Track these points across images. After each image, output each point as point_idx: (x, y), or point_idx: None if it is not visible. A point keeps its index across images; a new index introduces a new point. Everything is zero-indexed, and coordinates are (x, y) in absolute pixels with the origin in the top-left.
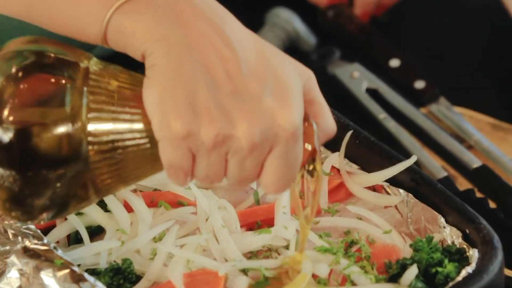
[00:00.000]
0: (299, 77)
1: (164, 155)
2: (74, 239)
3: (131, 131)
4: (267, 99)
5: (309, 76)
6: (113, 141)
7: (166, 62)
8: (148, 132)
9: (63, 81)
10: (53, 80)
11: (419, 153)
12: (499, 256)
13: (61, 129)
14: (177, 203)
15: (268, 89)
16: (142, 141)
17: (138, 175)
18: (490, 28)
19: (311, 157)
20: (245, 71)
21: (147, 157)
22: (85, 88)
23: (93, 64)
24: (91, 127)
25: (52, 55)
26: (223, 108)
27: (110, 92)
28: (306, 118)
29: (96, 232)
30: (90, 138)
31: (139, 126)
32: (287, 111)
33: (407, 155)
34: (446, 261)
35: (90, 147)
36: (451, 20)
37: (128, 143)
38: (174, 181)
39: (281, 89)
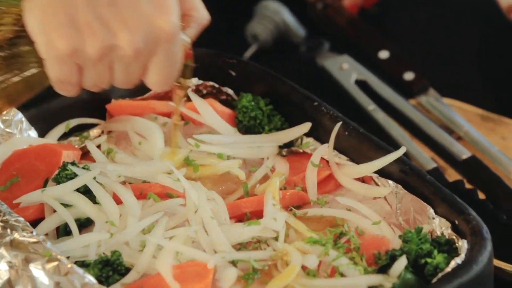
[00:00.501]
0: None
1: (52, 73)
2: (63, 232)
3: (16, 54)
4: (144, 4)
5: None
6: None
7: None
8: (32, 52)
9: None
10: None
11: (408, 144)
12: (488, 246)
13: None
14: (166, 195)
15: None
16: (27, 61)
17: (28, 91)
18: (480, 20)
19: (189, 50)
20: None
21: (34, 75)
22: None
23: None
24: None
25: None
26: (103, 20)
27: None
28: (181, 14)
29: (85, 225)
30: None
31: (24, 48)
32: (165, 13)
33: (396, 146)
34: (435, 252)
35: None
36: (440, 11)
37: (13, 66)
38: (63, 93)
39: None
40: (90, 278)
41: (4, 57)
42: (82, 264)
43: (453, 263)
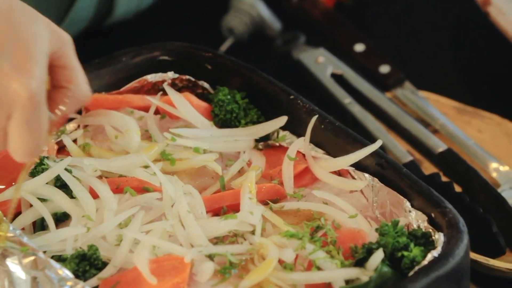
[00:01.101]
0: (47, 40)
1: None
2: (39, 226)
3: None
4: (3, 62)
5: (64, 40)
6: None
7: None
8: None
9: None
10: None
11: (385, 137)
12: (465, 239)
13: None
14: (143, 189)
15: (7, 52)
16: None
17: None
18: (455, 13)
19: (63, 123)
20: None
21: None
22: None
23: None
24: None
25: None
26: None
27: None
28: (57, 84)
29: (62, 219)
30: None
31: None
32: (23, 75)
33: (372, 139)
34: (412, 245)
35: None
36: (416, 4)
37: None
38: None
39: (21, 52)
40: (67, 273)
41: None
42: (59, 259)
43: (429, 256)
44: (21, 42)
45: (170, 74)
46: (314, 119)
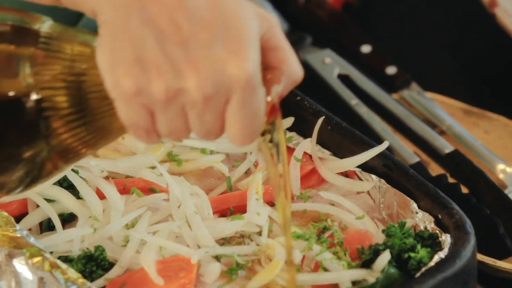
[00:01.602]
0: (257, 23)
1: (121, 114)
2: (46, 227)
3: (89, 92)
4: (217, 47)
5: (271, 22)
6: (72, 106)
7: (114, 18)
8: (106, 92)
9: (15, 50)
10: (4, 50)
11: (391, 138)
12: (472, 241)
13: (17, 101)
14: (149, 189)
15: (219, 37)
16: (101, 102)
17: (104, 138)
18: (462, 14)
19: (275, 107)
20: (193, 19)
21: (109, 117)
22: (36, 54)
23: (48, 28)
24: (47, 94)
25: (8, 23)
26: (171, 61)
27: (64, 56)
28: (268, 66)
29: (69, 220)
30: (46, 105)
31: (96, 87)
32: (238, 59)
33: (379, 140)
34: (418, 246)
35: (49, 114)
36: (423, 6)
37: (87, 105)
38: (141, 140)
39: (234, 36)
40: (74, 273)
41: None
42: (66, 259)
43: (436, 258)
44: (233, 26)
45: None
46: (320, 120)
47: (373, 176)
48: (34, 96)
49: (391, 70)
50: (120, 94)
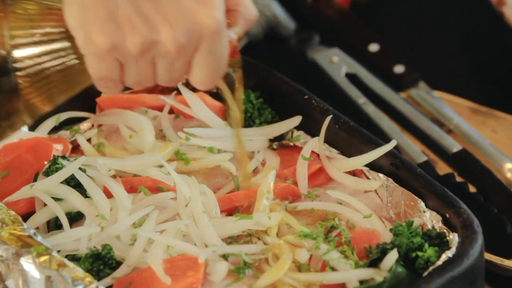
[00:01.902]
0: None
1: (92, 69)
2: (53, 225)
3: (56, 50)
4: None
5: None
6: (39, 63)
7: None
8: (74, 48)
9: None
10: None
11: (399, 137)
12: (479, 240)
13: None
14: (157, 188)
15: None
16: (68, 58)
17: (69, 89)
18: (470, 13)
19: (236, 48)
20: None
21: (75, 72)
22: (4, 15)
23: None
24: (16, 53)
25: None
26: (144, 15)
27: (31, 15)
28: (227, 9)
29: (76, 218)
30: (16, 65)
31: (64, 44)
32: (208, 8)
33: (387, 139)
34: (426, 245)
35: (18, 73)
36: (430, 4)
37: (54, 62)
38: (105, 90)
39: None
40: (81, 272)
41: (46, 53)
42: (73, 258)
43: (444, 257)
44: None
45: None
46: (328, 119)
47: (381, 175)
48: (3, 55)
49: (399, 69)
50: (94, 50)
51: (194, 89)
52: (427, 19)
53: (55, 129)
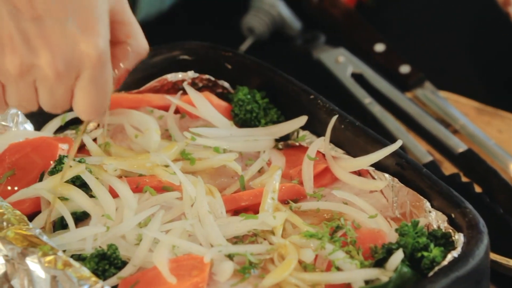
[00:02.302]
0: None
1: None
2: (59, 225)
3: None
4: (70, 24)
5: None
6: None
7: None
8: None
9: None
10: None
11: (405, 137)
12: (485, 240)
13: None
14: (162, 188)
15: (72, 14)
16: None
17: None
18: (476, 13)
19: (124, 79)
20: None
21: None
22: None
23: None
24: None
25: None
26: (25, 36)
27: None
28: (116, 41)
29: (81, 218)
30: None
31: None
32: (90, 37)
33: (393, 139)
34: (431, 245)
35: None
36: (436, 5)
37: None
38: None
39: (84, 12)
40: (87, 272)
41: None
42: (79, 258)
43: (449, 257)
44: (83, 2)
45: (190, 74)
46: (334, 119)
47: (386, 175)
48: None
49: (404, 69)
50: None
51: (200, 89)
52: (433, 19)
53: (60, 129)
